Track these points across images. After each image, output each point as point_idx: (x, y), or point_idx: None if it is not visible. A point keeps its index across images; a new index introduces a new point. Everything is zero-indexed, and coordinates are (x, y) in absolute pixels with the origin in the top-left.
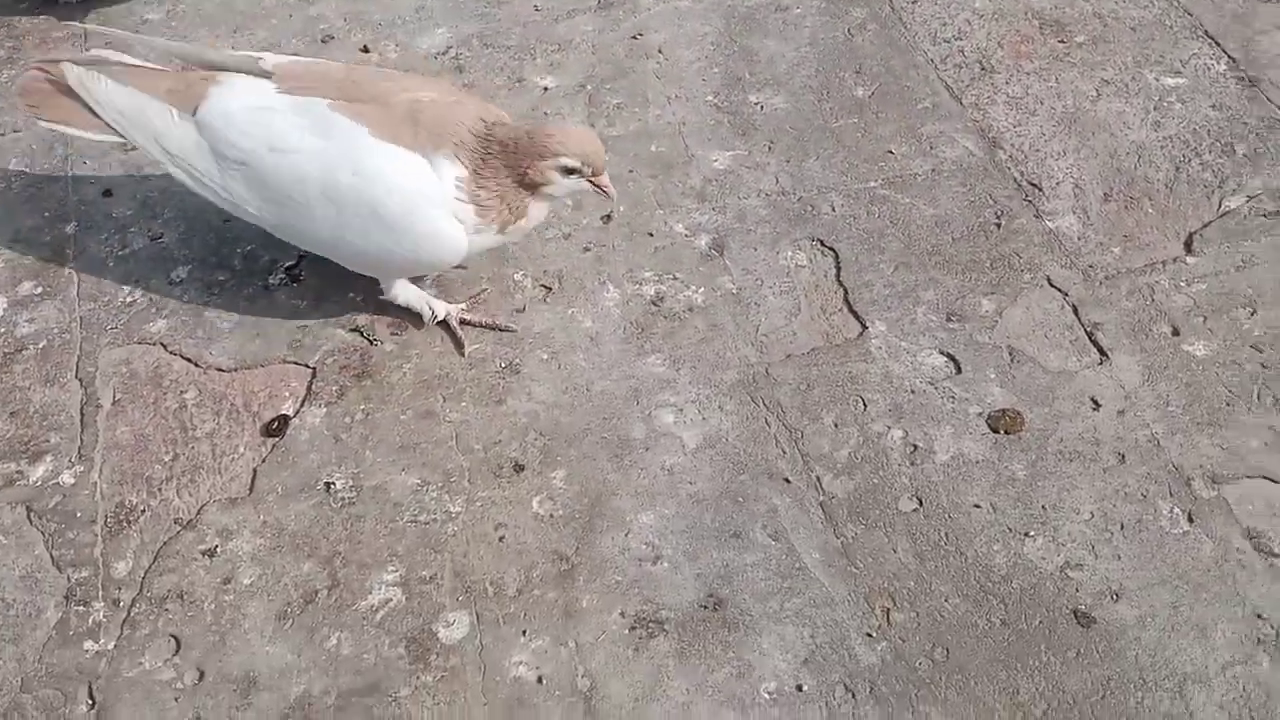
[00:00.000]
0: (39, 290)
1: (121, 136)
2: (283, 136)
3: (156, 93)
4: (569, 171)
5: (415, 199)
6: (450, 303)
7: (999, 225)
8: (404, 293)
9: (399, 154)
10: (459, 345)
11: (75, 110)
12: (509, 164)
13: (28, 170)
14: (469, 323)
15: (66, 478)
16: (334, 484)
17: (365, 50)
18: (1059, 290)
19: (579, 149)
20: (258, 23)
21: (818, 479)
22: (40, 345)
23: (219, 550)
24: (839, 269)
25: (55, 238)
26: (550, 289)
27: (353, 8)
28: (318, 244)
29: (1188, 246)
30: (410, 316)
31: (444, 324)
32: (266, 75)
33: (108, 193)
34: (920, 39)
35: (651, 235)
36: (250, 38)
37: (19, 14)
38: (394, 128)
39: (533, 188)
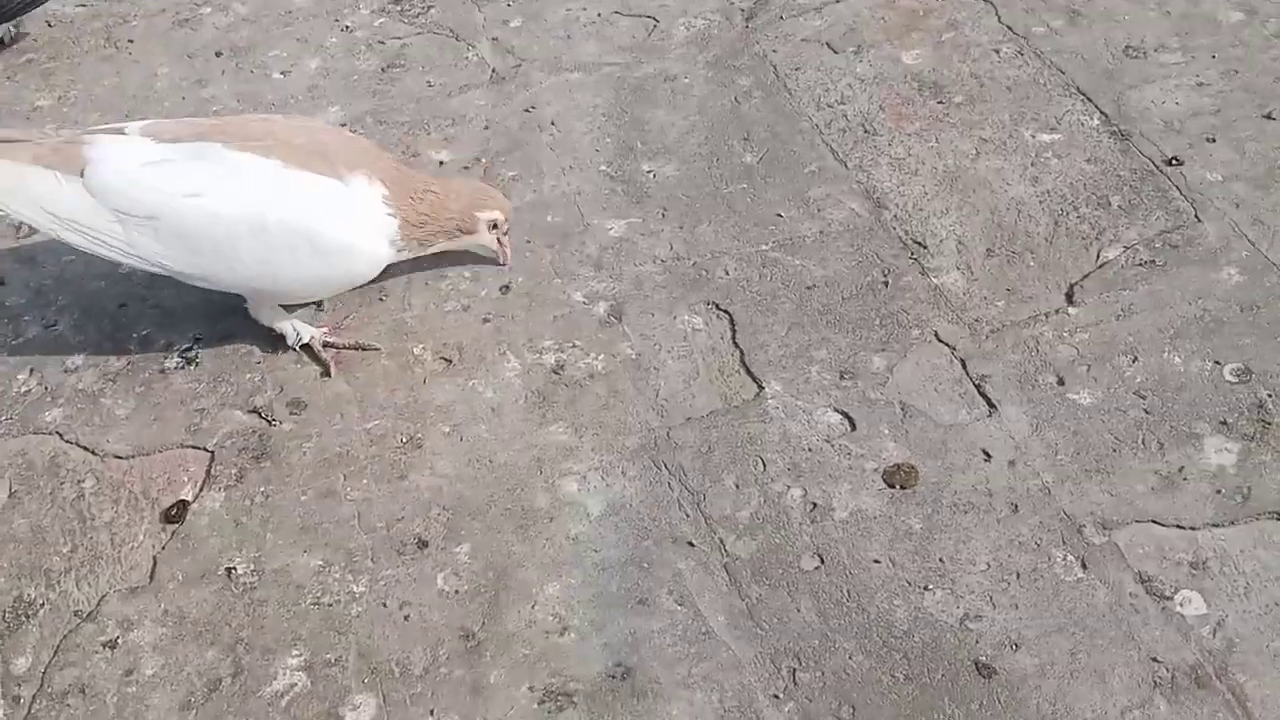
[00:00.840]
0: None
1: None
2: (193, 182)
3: (30, 160)
4: (493, 225)
5: (347, 221)
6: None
7: (886, 284)
8: (274, 317)
9: (321, 180)
10: (324, 367)
11: None
12: (440, 204)
13: None
14: (332, 345)
15: None
16: (235, 569)
17: None
18: (947, 345)
19: (506, 209)
20: (150, 106)
21: (721, 541)
22: None
23: (120, 641)
24: (734, 331)
25: None
26: (450, 361)
27: (246, 89)
28: (235, 281)
29: (1069, 298)
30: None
31: (307, 347)
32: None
33: (1, 282)
34: (805, 105)
35: (550, 304)
36: (140, 121)
37: None
38: (304, 159)
39: (451, 231)
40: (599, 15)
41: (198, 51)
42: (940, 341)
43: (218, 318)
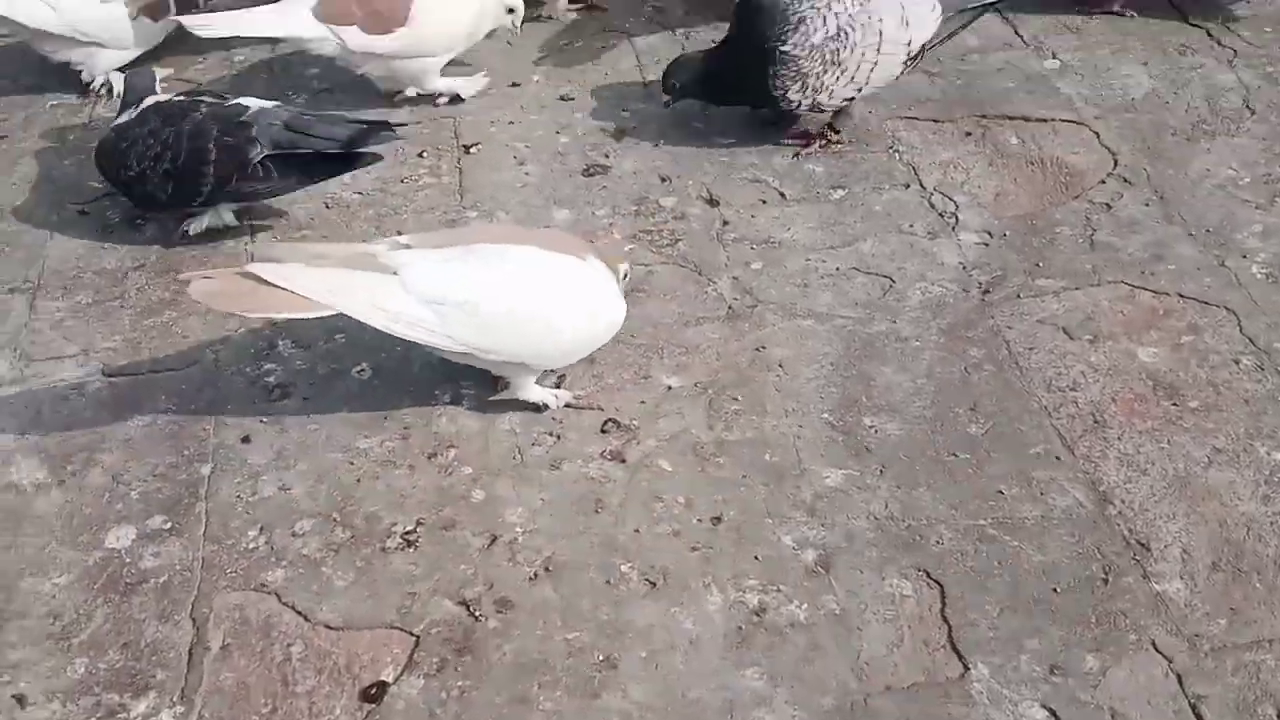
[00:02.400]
0: (168, 526)
1: (330, 309)
2: (487, 272)
3: (348, 266)
4: (624, 275)
5: (603, 291)
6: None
7: (1106, 581)
8: (533, 391)
9: (577, 262)
10: (591, 406)
11: (277, 298)
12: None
13: (175, 409)
14: (573, 405)
15: (165, 717)
16: None
17: None
18: (1164, 656)
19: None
20: None
21: None
22: (161, 580)
23: None
24: (944, 604)
25: (190, 477)
26: (655, 585)
27: None
28: (523, 351)
29: None
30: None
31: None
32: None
33: (246, 439)
34: (1035, 385)
35: (758, 543)
36: None
37: (177, 247)
38: (553, 249)
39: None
40: (837, 269)
41: (451, 219)
42: (1157, 651)
43: (443, 505)
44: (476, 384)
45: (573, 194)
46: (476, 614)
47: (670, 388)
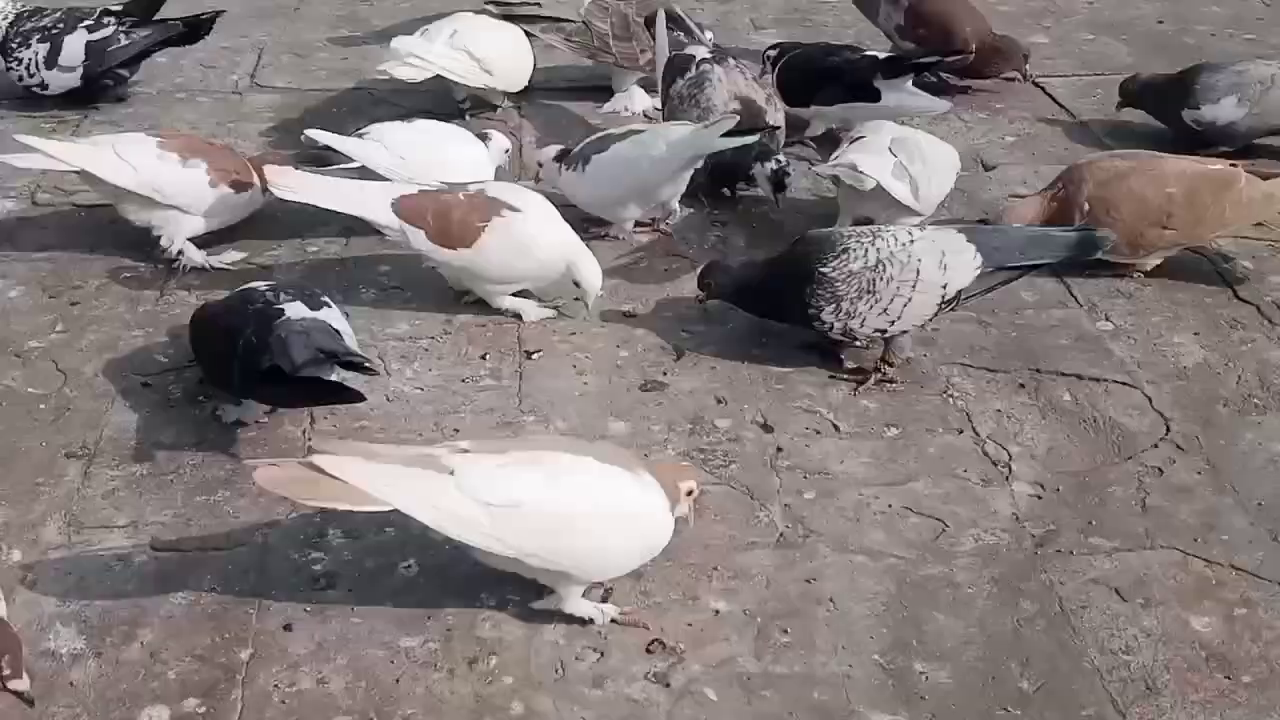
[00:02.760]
0: (202, 709)
1: (386, 504)
2: (539, 479)
3: (406, 464)
4: (689, 493)
5: (656, 505)
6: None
7: None
8: (582, 605)
9: (631, 475)
10: (638, 625)
11: (335, 490)
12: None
13: (219, 589)
14: (618, 621)
15: None
16: None
17: None
18: None
19: (699, 479)
20: None
21: None
22: None
23: None
24: None
25: (229, 661)
26: None
27: None
28: (569, 560)
29: None
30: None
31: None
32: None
33: (288, 627)
34: (1088, 644)
35: None
36: None
37: (236, 428)
38: (625, 463)
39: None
40: (890, 506)
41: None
42: None
43: (482, 714)
44: (522, 591)
45: (629, 408)
46: None
47: (718, 611)
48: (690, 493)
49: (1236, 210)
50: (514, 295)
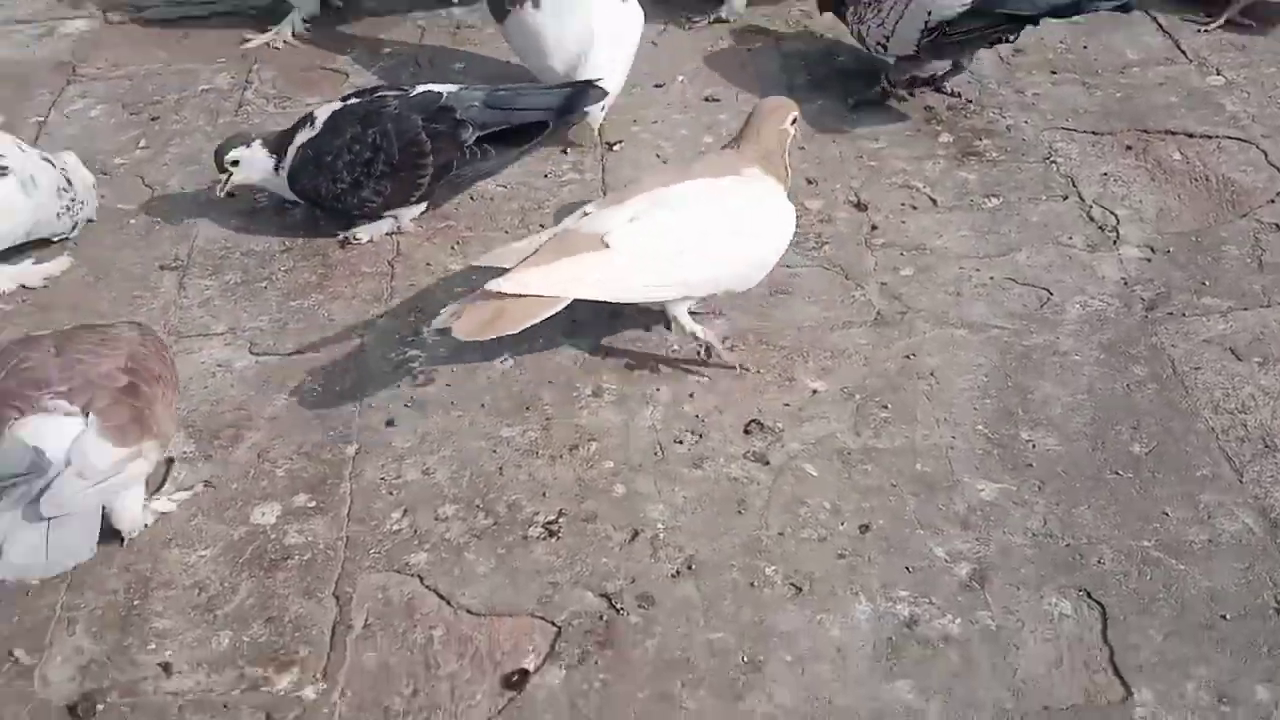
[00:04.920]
0: (313, 504)
1: (567, 299)
2: (669, 211)
3: (560, 255)
4: (793, 121)
5: (785, 202)
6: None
7: (1279, 611)
8: (695, 326)
9: (760, 178)
10: (734, 366)
11: (523, 308)
12: (773, 147)
13: (320, 390)
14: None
15: (309, 693)
16: None
17: (646, 329)
18: None
19: (794, 105)
20: None
21: None
22: (305, 557)
23: None
24: (1105, 625)
25: (336, 457)
26: (800, 590)
27: None
28: (733, 273)
29: None
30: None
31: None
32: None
33: (390, 423)
34: (1202, 405)
35: (909, 554)
36: None
37: (322, 233)
38: (738, 170)
39: (783, 150)
40: (991, 279)
41: None
42: None
43: (585, 497)
44: (618, 378)
45: None
46: (618, 608)
47: (815, 391)
48: (794, 121)
49: None
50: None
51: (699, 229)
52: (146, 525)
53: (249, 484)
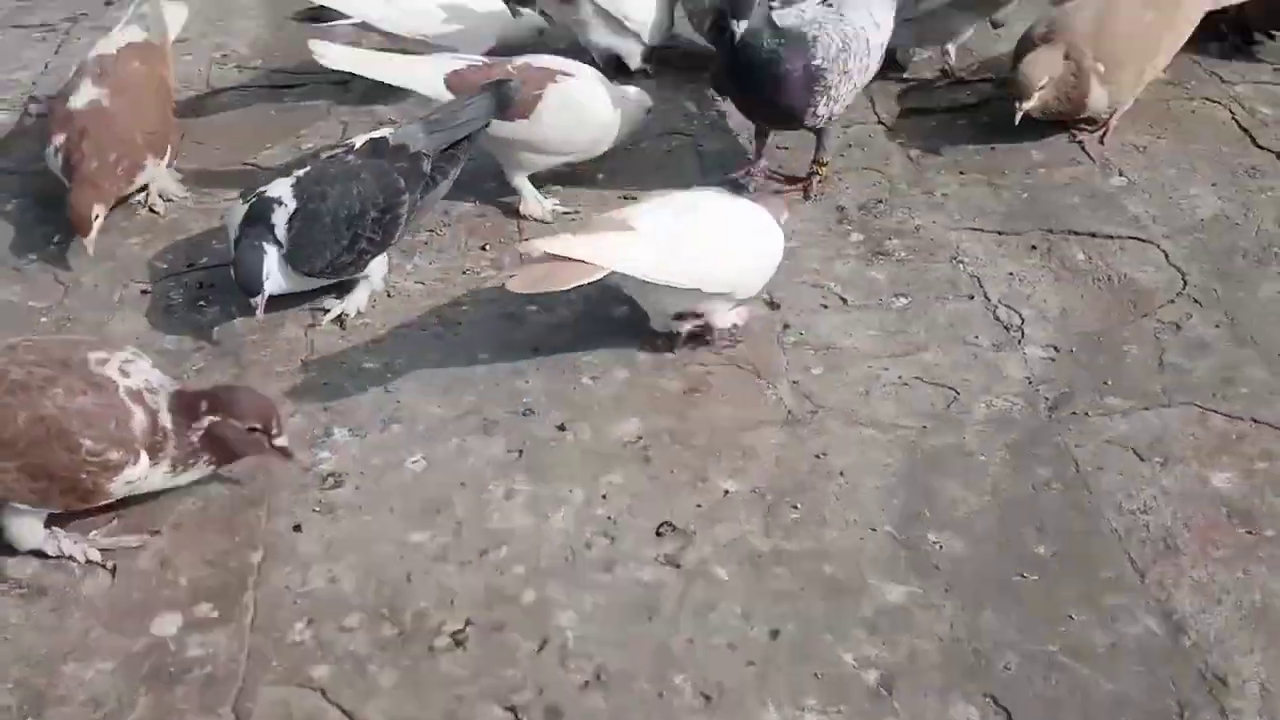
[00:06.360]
0: (215, 614)
1: (606, 269)
2: (704, 219)
3: (605, 230)
4: None
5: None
6: None
7: (1181, 717)
8: (729, 315)
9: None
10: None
11: (571, 271)
12: None
13: (227, 493)
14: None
15: None
16: None
17: (561, 429)
18: None
19: None
20: (466, 386)
21: None
22: (205, 671)
23: None
24: None
25: (240, 565)
26: (709, 699)
27: (556, 387)
28: (732, 277)
29: None
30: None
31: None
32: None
33: (297, 528)
34: (1105, 507)
35: (817, 660)
36: (457, 398)
37: (238, 331)
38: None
39: None
40: (899, 377)
41: (518, 344)
42: None
43: (494, 604)
44: (531, 478)
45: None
46: None
47: (727, 492)
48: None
49: None
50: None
51: (717, 222)
52: None
53: (150, 593)
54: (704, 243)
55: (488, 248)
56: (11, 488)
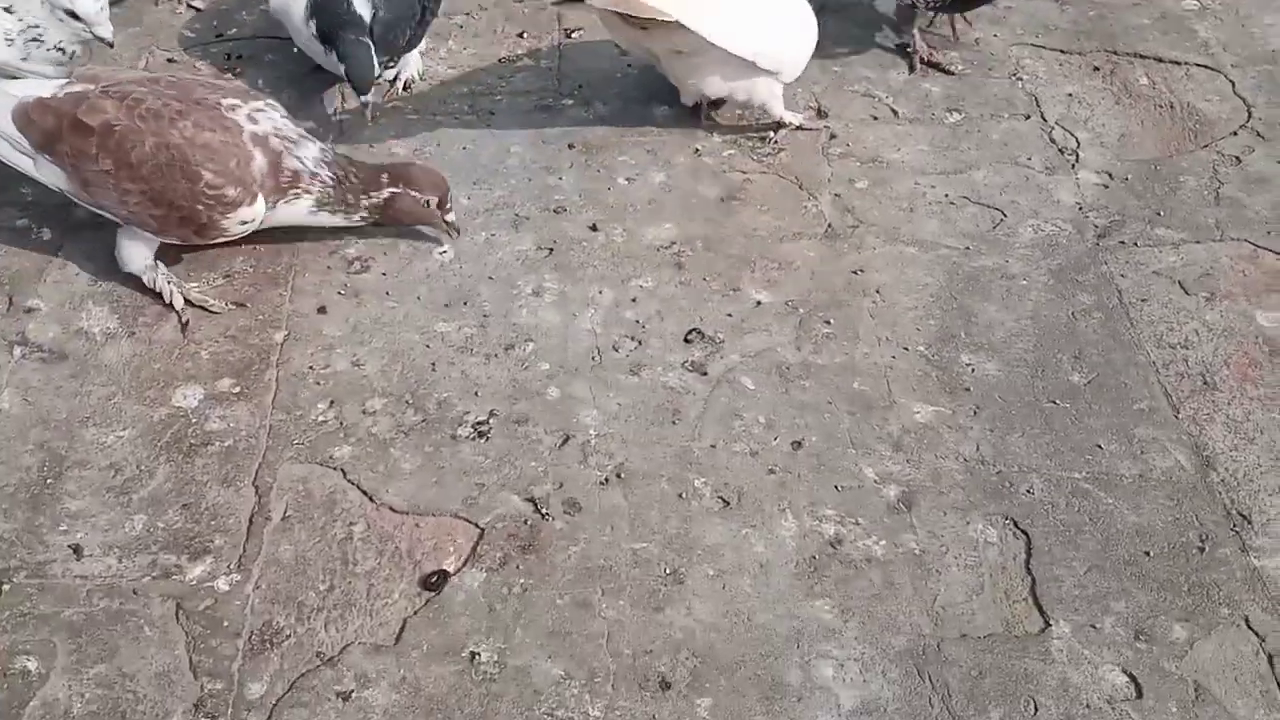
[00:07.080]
0: (237, 389)
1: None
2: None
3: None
4: None
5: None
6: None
7: (1202, 550)
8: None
9: None
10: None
11: (648, 6)
12: None
13: (251, 271)
14: (803, 128)
15: (222, 583)
16: (479, 654)
17: (593, 229)
18: (1256, 634)
19: None
20: (496, 179)
21: None
22: (226, 444)
23: (354, 695)
24: (1029, 556)
25: (263, 342)
26: (728, 503)
27: (590, 186)
28: (788, 53)
29: None
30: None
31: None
32: None
33: (322, 309)
34: (1144, 338)
35: (839, 473)
36: (487, 191)
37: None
38: None
39: None
40: (946, 196)
41: (552, 139)
42: (1249, 628)
43: (518, 398)
44: (561, 278)
45: (674, 91)
46: (544, 513)
47: (760, 303)
48: None
49: None
50: None
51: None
52: None
53: (172, 364)
54: (762, 18)
55: (525, 35)
56: (135, 210)
